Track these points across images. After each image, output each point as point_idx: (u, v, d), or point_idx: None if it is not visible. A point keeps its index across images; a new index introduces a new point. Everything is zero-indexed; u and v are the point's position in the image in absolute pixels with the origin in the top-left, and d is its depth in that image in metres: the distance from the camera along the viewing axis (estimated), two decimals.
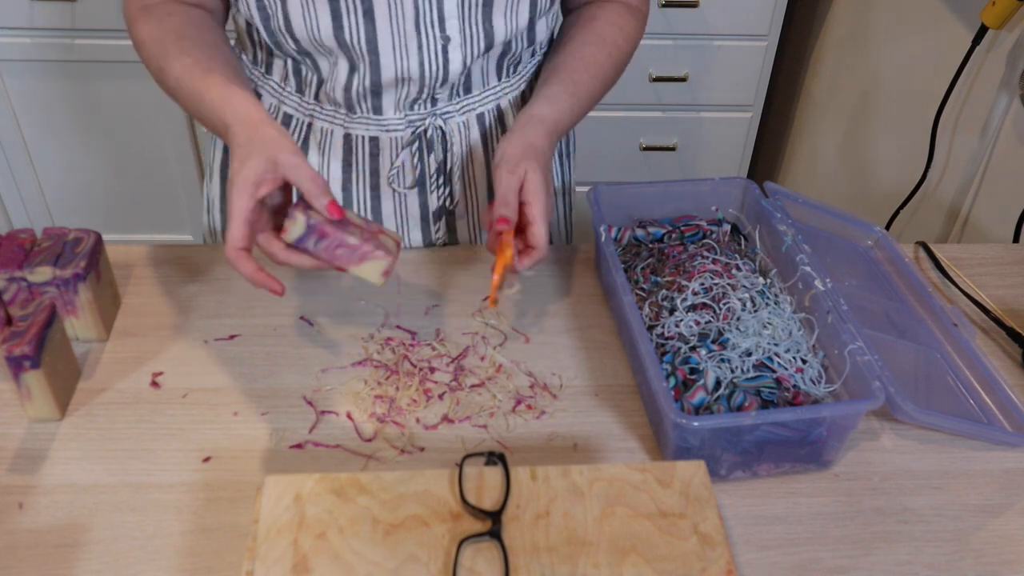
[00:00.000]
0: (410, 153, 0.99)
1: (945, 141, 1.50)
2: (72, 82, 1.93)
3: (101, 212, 2.16)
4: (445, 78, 0.93)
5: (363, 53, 0.89)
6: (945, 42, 1.50)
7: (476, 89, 0.98)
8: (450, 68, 0.92)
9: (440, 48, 0.90)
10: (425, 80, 0.93)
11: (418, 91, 0.94)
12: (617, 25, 0.99)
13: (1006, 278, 1.07)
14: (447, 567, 0.65)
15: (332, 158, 1.01)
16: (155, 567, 0.72)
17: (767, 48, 1.98)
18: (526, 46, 0.98)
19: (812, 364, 0.86)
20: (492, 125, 1.02)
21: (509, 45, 0.95)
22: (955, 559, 0.76)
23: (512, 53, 0.97)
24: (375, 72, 0.91)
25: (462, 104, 0.98)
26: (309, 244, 0.78)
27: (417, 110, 0.97)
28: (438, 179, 1.02)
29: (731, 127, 2.10)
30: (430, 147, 0.99)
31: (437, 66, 0.92)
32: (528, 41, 0.97)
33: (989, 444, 0.86)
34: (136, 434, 0.83)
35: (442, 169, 1.01)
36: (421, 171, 1.01)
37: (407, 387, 0.88)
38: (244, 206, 0.76)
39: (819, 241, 1.02)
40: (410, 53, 0.90)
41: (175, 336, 0.93)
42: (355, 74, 0.92)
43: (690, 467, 0.72)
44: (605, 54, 0.98)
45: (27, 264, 0.86)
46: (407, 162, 0.99)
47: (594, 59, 0.97)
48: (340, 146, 1.00)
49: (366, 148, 0.99)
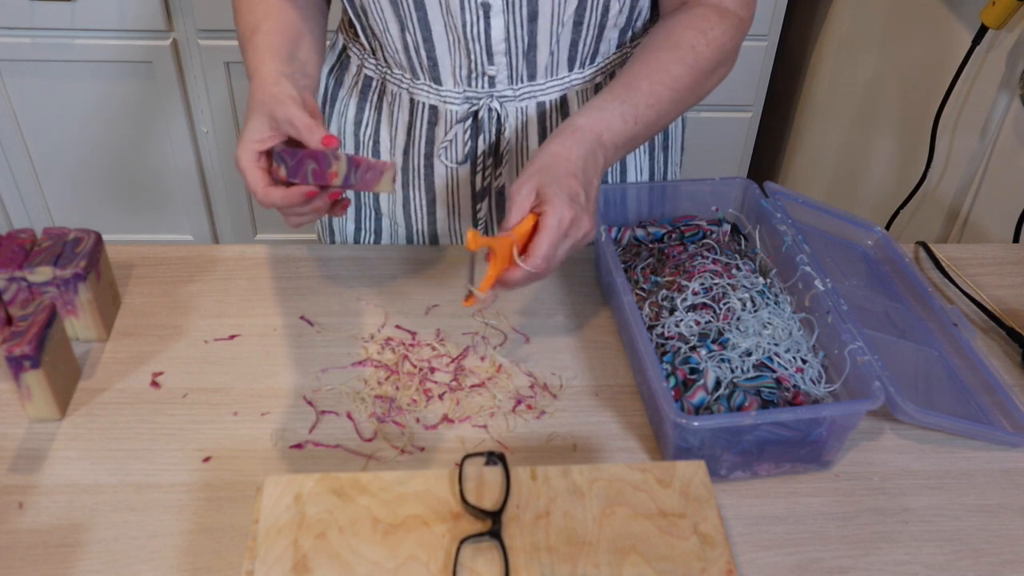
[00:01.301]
0: (463, 129, 0.99)
1: (945, 141, 1.50)
2: (72, 82, 1.93)
3: (101, 212, 2.16)
4: (489, 47, 0.92)
5: (411, 10, 0.90)
6: (945, 42, 1.50)
7: (542, 77, 0.97)
8: (492, 35, 0.91)
9: (481, 13, 0.90)
10: (470, 45, 0.92)
11: (468, 60, 0.94)
12: (700, 29, 0.92)
13: (1006, 278, 1.07)
14: (447, 567, 0.65)
15: (399, 121, 1.02)
16: (155, 567, 0.72)
17: (767, 48, 1.98)
18: (598, 34, 0.95)
19: (812, 364, 0.86)
20: (553, 114, 1.00)
21: (578, 28, 0.93)
22: (955, 559, 0.76)
23: (585, 40, 0.95)
24: (425, 29, 0.92)
25: (524, 90, 0.97)
26: (353, 178, 0.82)
27: (475, 87, 0.97)
28: (488, 159, 1.02)
29: (731, 127, 2.10)
30: (483, 127, 0.99)
31: (479, 29, 0.91)
32: (599, 28, 0.94)
33: (989, 444, 0.86)
34: (136, 434, 0.83)
35: (493, 150, 1.01)
36: (472, 149, 1.01)
37: (407, 387, 0.88)
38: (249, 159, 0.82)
39: (819, 241, 1.02)
40: (453, 12, 0.90)
41: (175, 336, 0.93)
42: (406, 31, 0.93)
43: (690, 467, 0.72)
44: (677, 59, 0.90)
45: (27, 264, 0.86)
46: (459, 137, 1.00)
47: (661, 64, 0.89)
48: (407, 109, 1.01)
49: (426, 115, 1.00)
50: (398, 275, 1.01)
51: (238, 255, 1.03)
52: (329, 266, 1.02)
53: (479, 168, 1.03)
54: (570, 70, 0.98)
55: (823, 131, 2.02)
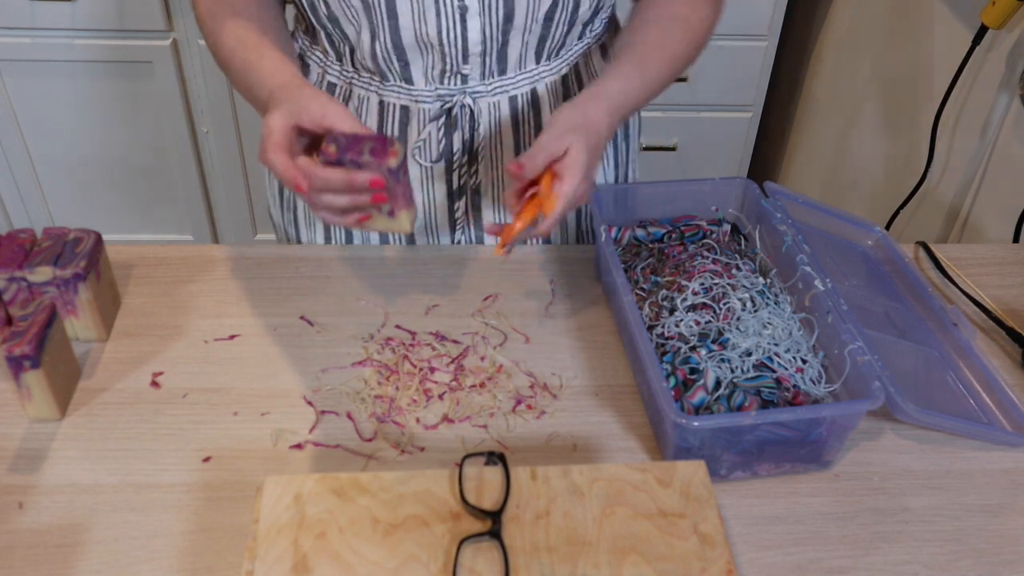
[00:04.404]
0: (436, 127, 0.99)
1: (945, 141, 1.50)
2: (72, 82, 1.93)
3: (101, 212, 2.16)
4: (465, 49, 0.93)
5: (383, 16, 0.90)
6: (945, 42, 1.50)
7: (512, 71, 0.98)
8: (469, 37, 0.92)
9: (458, 16, 0.90)
10: (445, 49, 0.93)
11: (441, 61, 0.94)
12: (693, 7, 0.97)
13: (1006, 278, 1.07)
14: (447, 567, 0.65)
15: (368, 125, 1.02)
16: (155, 567, 0.72)
17: (767, 48, 1.98)
18: (567, 30, 0.97)
19: (812, 364, 0.86)
20: (525, 108, 1.01)
21: (548, 25, 0.94)
22: (955, 559, 0.76)
23: (553, 36, 0.96)
24: (395, 35, 0.91)
25: (495, 85, 0.98)
26: (401, 172, 0.81)
27: (447, 85, 0.97)
28: (463, 157, 1.02)
29: (731, 127, 2.10)
30: (457, 124, 0.99)
31: (455, 34, 0.91)
32: (569, 24, 0.96)
33: (989, 444, 0.86)
34: (136, 434, 0.83)
35: (468, 147, 1.01)
36: (447, 147, 1.01)
37: (407, 387, 0.88)
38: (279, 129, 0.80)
39: (819, 241, 1.02)
40: (428, 19, 0.90)
41: (175, 336, 0.93)
42: (376, 40, 0.92)
43: (690, 467, 0.72)
44: (679, 36, 0.95)
45: (27, 264, 0.86)
46: (433, 135, 1.00)
47: (669, 41, 0.94)
48: (375, 112, 1.01)
49: (397, 116, 1.00)
50: (398, 275, 1.01)
51: (238, 255, 1.03)
52: (329, 266, 1.02)
53: (455, 166, 1.03)
54: (538, 63, 0.99)
55: (823, 131, 2.02)
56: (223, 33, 0.92)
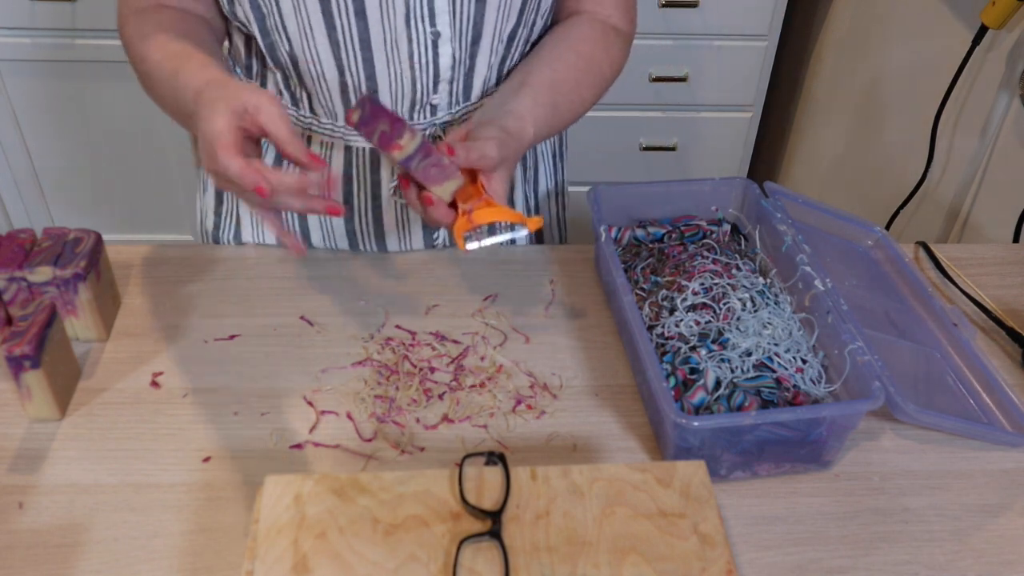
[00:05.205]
0: None
1: (945, 141, 1.50)
2: (72, 82, 1.93)
3: (101, 212, 2.16)
4: (436, 75, 0.93)
5: (356, 51, 0.89)
6: (945, 42, 1.50)
7: (476, 94, 0.97)
8: (440, 63, 0.92)
9: (430, 43, 0.90)
10: (416, 76, 0.92)
11: (411, 91, 0.93)
12: (606, 50, 0.98)
13: (1006, 278, 1.07)
14: (447, 567, 0.65)
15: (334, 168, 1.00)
16: (155, 567, 0.72)
17: (767, 48, 1.98)
18: (523, 49, 0.97)
19: (812, 364, 0.86)
20: None
21: (509, 45, 0.95)
22: (955, 559, 0.76)
23: (512, 56, 0.97)
24: (368, 67, 0.90)
25: (462, 110, 0.98)
26: (414, 162, 0.78)
27: (416, 119, 0.96)
28: None
29: (731, 127, 2.10)
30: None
31: (427, 60, 0.91)
32: (526, 43, 0.97)
33: (989, 444, 0.86)
34: (136, 434, 0.83)
35: None
36: None
37: (407, 387, 0.88)
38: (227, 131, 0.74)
39: (819, 241, 1.02)
40: (400, 49, 0.90)
41: (175, 336, 0.93)
42: (346, 75, 0.91)
43: (690, 467, 0.72)
44: (590, 83, 0.97)
45: (27, 264, 0.86)
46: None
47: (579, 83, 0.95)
48: (341, 159, 0.99)
49: (367, 160, 0.99)
50: (398, 275, 1.01)
51: (238, 255, 1.03)
52: (329, 266, 1.02)
53: None
54: (497, 84, 0.98)
55: (823, 131, 2.02)
56: (150, 49, 0.87)
